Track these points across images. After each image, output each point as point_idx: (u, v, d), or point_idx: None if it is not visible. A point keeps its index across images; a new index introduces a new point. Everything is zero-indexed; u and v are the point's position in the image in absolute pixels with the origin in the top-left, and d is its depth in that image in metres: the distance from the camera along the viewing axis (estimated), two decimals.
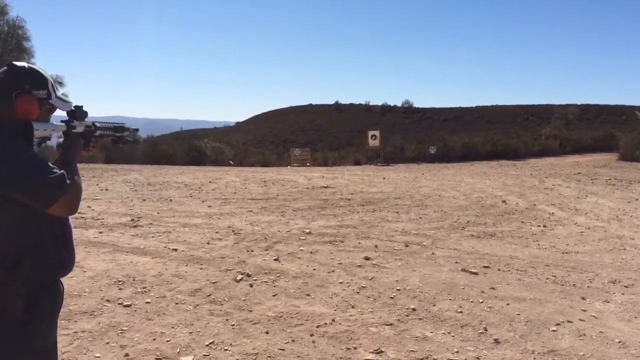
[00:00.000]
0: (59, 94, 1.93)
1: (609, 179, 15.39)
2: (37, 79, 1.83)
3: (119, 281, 5.03)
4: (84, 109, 2.03)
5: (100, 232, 7.12)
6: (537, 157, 27.32)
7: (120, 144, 2.38)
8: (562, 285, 5.35)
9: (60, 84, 20.76)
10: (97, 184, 12.25)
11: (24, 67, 1.84)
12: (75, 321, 4.02)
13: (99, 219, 8.01)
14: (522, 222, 8.84)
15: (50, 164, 1.78)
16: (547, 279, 5.55)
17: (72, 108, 1.98)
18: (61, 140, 2.00)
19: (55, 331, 1.91)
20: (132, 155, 20.96)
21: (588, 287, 5.33)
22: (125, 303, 4.45)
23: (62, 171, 1.80)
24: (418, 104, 75.23)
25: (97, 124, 2.13)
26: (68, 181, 1.76)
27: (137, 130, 2.57)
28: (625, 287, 5.37)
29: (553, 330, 4.12)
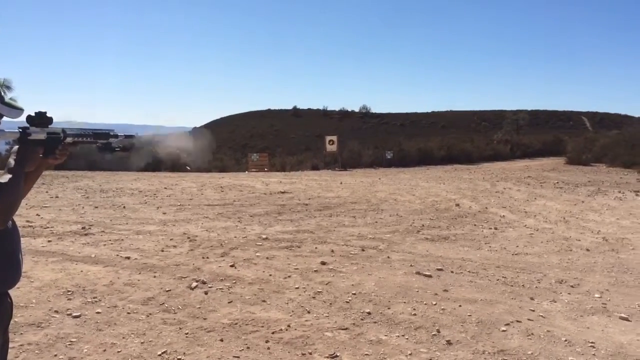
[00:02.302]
0: (6, 99, 1.84)
1: (557, 182, 15.95)
2: None
3: (68, 291, 4.88)
4: (48, 115, 1.91)
5: (49, 241, 6.89)
6: (490, 162, 28.07)
7: (108, 152, 2.23)
8: (512, 286, 5.52)
9: (8, 87, 20.03)
10: (47, 191, 11.85)
11: None
12: (22, 333, 3.88)
13: (48, 227, 7.75)
14: (475, 225, 9.06)
15: None
16: (498, 280, 5.71)
17: (32, 114, 1.87)
18: (15, 148, 1.89)
19: None
20: (83, 162, 20.37)
21: (536, 287, 5.51)
22: (75, 314, 4.33)
23: None
24: (375, 109, 76.02)
25: (69, 131, 2.03)
26: None
27: (131, 136, 2.41)
28: (572, 286, 5.57)
29: (503, 330, 4.24)
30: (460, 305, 4.81)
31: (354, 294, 5.09)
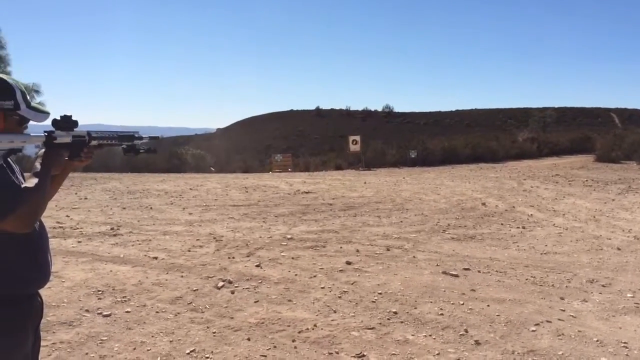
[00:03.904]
0: (34, 103, 1.86)
1: (586, 180, 15.64)
2: (1, 89, 1.76)
3: (99, 291, 4.97)
4: (73, 118, 1.93)
5: (79, 242, 7.03)
6: (516, 160, 27.67)
7: (133, 153, 2.25)
8: (541, 285, 5.42)
9: (37, 92, 20.47)
10: (76, 193, 12.09)
11: None
12: (54, 332, 3.96)
13: (77, 228, 7.91)
14: (502, 224, 8.94)
15: (6, 179, 1.73)
16: (527, 279, 5.62)
17: (57, 118, 1.90)
18: (42, 151, 1.91)
19: (26, 345, 1.85)
20: (111, 164, 20.73)
21: (566, 287, 5.41)
22: (105, 313, 4.40)
23: (16, 186, 1.74)
24: (398, 108, 75.96)
25: (94, 134, 2.04)
26: (23, 196, 1.70)
27: (156, 137, 2.44)
28: (603, 286, 5.46)
29: (532, 331, 4.18)
30: (488, 305, 4.75)
31: (380, 293, 5.07)
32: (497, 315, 4.49)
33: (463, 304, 4.78)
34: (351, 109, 74.82)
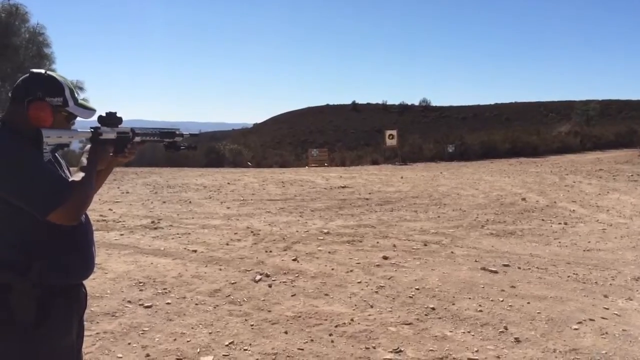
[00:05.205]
0: (80, 100, 1.91)
1: (631, 175, 15.11)
2: (51, 86, 1.82)
3: (140, 282, 5.10)
4: (117, 115, 1.99)
5: (122, 234, 7.22)
6: (558, 154, 26.92)
7: (174, 150, 2.31)
8: (584, 283, 5.29)
9: (81, 89, 21.05)
10: (118, 187, 12.41)
11: (40, 74, 1.83)
12: (98, 322, 4.09)
13: (120, 222, 8.12)
14: (543, 219, 8.74)
15: (54, 172, 1.79)
16: (569, 277, 5.49)
17: (103, 114, 1.96)
18: (88, 147, 1.98)
19: (71, 334, 1.90)
20: (151, 158, 21.15)
21: (610, 284, 5.26)
22: (146, 304, 4.51)
23: (64, 179, 1.80)
24: (436, 102, 74.90)
25: (137, 130, 2.10)
26: (70, 190, 1.75)
27: (196, 135, 2.49)
28: None
29: (575, 329, 4.08)
30: (528, 302, 4.66)
31: (417, 289, 5.03)
32: (538, 313, 4.40)
33: (502, 301, 4.70)
34: (388, 103, 74.22)
